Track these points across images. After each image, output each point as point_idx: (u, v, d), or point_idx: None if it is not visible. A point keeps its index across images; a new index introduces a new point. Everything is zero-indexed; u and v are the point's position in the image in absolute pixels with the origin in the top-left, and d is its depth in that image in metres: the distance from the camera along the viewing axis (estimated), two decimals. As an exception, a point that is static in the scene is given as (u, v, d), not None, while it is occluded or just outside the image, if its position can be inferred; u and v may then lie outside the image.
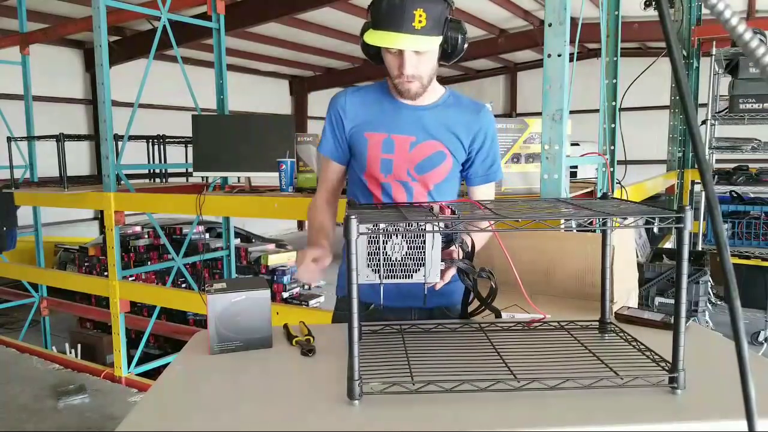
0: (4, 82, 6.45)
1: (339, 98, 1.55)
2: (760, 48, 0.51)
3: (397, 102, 1.50)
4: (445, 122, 1.50)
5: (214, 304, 1.16)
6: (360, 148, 1.52)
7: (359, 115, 1.52)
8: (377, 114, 1.51)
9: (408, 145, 1.49)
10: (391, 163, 1.50)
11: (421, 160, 1.50)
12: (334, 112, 1.55)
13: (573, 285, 1.87)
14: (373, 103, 1.52)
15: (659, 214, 0.94)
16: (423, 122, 1.49)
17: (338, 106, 1.54)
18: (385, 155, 1.50)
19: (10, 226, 4.50)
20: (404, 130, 1.49)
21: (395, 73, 1.42)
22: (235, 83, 4.65)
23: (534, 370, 0.98)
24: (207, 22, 4.05)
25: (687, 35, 4.39)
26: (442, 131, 1.50)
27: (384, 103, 1.52)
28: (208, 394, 1.00)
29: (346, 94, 1.55)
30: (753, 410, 0.51)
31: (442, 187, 1.54)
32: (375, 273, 1.06)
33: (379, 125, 1.51)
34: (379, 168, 1.51)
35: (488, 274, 1.25)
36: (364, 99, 1.54)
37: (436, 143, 1.50)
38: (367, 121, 1.51)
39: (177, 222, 5.35)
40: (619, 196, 2.54)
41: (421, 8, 1.31)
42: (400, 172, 1.50)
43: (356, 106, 1.53)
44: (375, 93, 1.54)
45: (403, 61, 1.38)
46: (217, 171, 3.36)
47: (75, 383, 3.58)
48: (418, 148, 1.49)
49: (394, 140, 1.49)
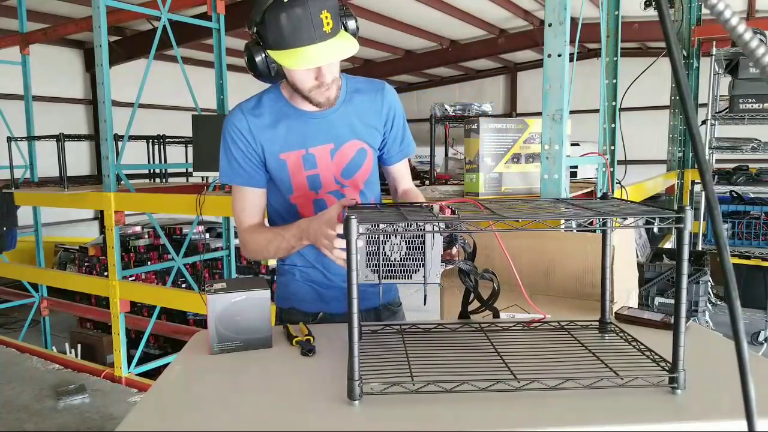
0: (4, 82, 6.45)
1: (239, 122, 1.38)
2: (760, 48, 0.51)
3: (301, 112, 1.38)
4: (356, 116, 1.42)
5: (214, 304, 1.16)
6: (279, 172, 1.39)
7: (268, 138, 1.38)
8: (286, 132, 1.38)
9: (328, 154, 1.40)
10: (318, 178, 1.41)
11: (345, 165, 1.42)
12: (239, 138, 1.37)
13: (573, 285, 1.87)
14: (277, 122, 1.38)
15: (659, 214, 0.94)
16: (335, 125, 1.40)
17: (242, 131, 1.37)
18: (309, 171, 1.40)
19: (10, 226, 4.50)
20: (319, 140, 1.39)
21: (310, 85, 1.29)
22: (235, 83, 4.64)
23: (534, 370, 0.98)
24: (207, 22, 4.05)
25: (687, 35, 4.39)
26: (357, 127, 1.42)
27: (288, 118, 1.38)
28: (208, 394, 1.00)
29: (245, 115, 1.38)
30: (753, 410, 0.51)
31: (370, 182, 1.49)
32: (374, 273, 1.06)
33: (293, 143, 1.38)
34: (308, 186, 1.41)
35: (491, 276, 1.25)
36: (265, 119, 1.38)
37: (356, 142, 1.43)
38: (279, 143, 1.38)
39: (177, 222, 5.35)
40: (619, 196, 2.55)
41: (324, 9, 1.19)
42: (328, 183, 1.42)
43: (262, 129, 1.37)
44: (272, 109, 1.39)
45: (321, 71, 1.27)
46: (217, 171, 3.35)
47: (75, 383, 3.58)
48: (339, 154, 1.41)
49: (313, 154, 1.39)
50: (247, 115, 1.38)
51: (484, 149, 2.23)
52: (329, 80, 1.30)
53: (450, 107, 2.93)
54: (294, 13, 1.17)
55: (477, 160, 2.24)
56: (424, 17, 8.41)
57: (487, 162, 2.24)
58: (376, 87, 1.46)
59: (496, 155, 2.25)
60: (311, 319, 1.49)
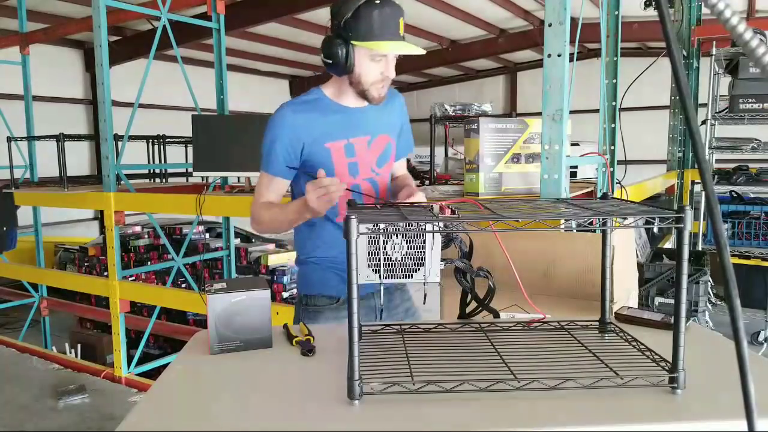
0: (4, 82, 6.45)
1: (286, 117, 1.57)
2: (760, 47, 0.51)
3: (343, 107, 1.60)
4: (385, 114, 1.66)
5: (214, 304, 1.16)
6: (323, 159, 1.57)
7: (314, 129, 1.56)
8: (331, 123, 1.58)
9: (365, 144, 1.62)
10: (356, 165, 1.61)
11: (379, 155, 1.65)
12: (285, 132, 1.56)
13: (573, 285, 1.88)
14: (322, 114, 1.58)
15: (659, 214, 0.94)
16: (370, 120, 1.62)
17: (288, 125, 1.56)
18: (350, 159, 1.60)
19: (10, 226, 4.50)
20: (359, 131, 1.61)
21: (375, 78, 1.53)
22: (235, 83, 4.64)
23: (534, 370, 0.98)
24: (207, 22, 4.05)
25: (687, 35, 4.39)
26: (385, 124, 1.67)
27: (332, 112, 1.59)
28: (208, 394, 1.00)
29: (292, 111, 1.57)
30: (753, 410, 0.51)
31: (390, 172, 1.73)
32: (375, 273, 1.06)
33: (337, 134, 1.58)
34: (348, 172, 1.60)
35: (486, 274, 1.25)
36: (310, 112, 1.58)
37: (385, 136, 1.67)
38: (324, 133, 1.57)
39: (177, 222, 5.35)
40: (619, 196, 2.54)
41: (402, 16, 1.48)
42: (365, 171, 1.63)
43: (307, 121, 1.56)
44: (318, 105, 1.60)
45: (388, 67, 1.53)
46: (217, 171, 3.36)
47: (75, 383, 3.58)
48: (374, 145, 1.64)
49: (353, 143, 1.60)
50: (294, 112, 1.57)
51: (484, 149, 2.23)
52: (392, 76, 1.55)
53: (450, 107, 2.93)
54: (385, 12, 1.45)
55: (477, 160, 2.24)
56: (424, 17, 8.41)
57: (487, 162, 2.24)
58: (391, 92, 1.68)
59: (496, 155, 2.25)
60: (334, 303, 1.65)
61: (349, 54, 1.48)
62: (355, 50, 1.48)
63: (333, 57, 1.49)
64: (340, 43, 1.48)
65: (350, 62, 1.50)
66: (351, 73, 1.52)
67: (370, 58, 1.50)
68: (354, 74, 1.53)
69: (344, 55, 1.48)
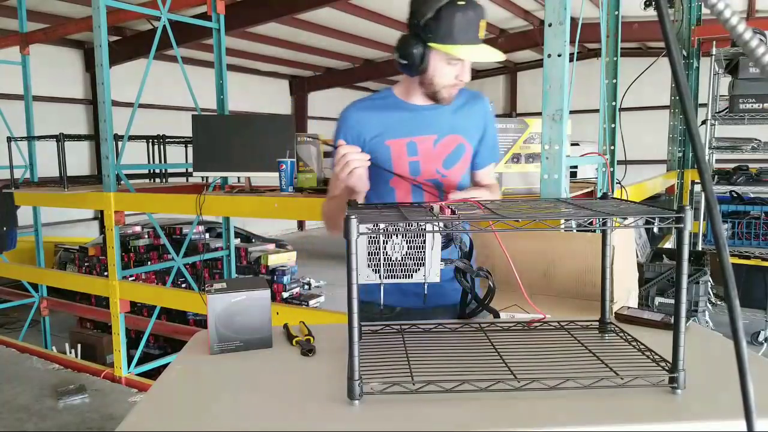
0: (4, 82, 6.45)
1: (350, 115, 1.56)
2: (759, 47, 0.51)
3: (411, 106, 1.55)
4: (459, 115, 1.57)
5: (214, 304, 1.16)
6: (383, 157, 1.53)
7: (375, 126, 1.53)
8: (395, 121, 1.54)
9: (431, 143, 1.55)
10: (418, 165, 1.54)
11: (446, 156, 1.56)
12: (347, 129, 1.54)
13: (573, 285, 1.88)
14: (386, 112, 1.55)
15: (659, 214, 0.94)
16: (439, 120, 1.55)
17: (351, 122, 1.54)
18: (412, 158, 1.54)
19: (10, 226, 4.50)
20: (424, 130, 1.54)
21: (449, 82, 1.47)
22: (235, 83, 4.64)
23: (534, 370, 0.98)
24: (207, 22, 4.05)
25: (687, 35, 4.39)
26: (459, 125, 1.57)
27: (399, 109, 1.55)
28: (208, 394, 1.00)
29: (356, 109, 1.56)
30: (752, 410, 0.51)
31: (465, 177, 1.62)
32: (375, 273, 1.06)
33: (399, 131, 1.53)
34: (408, 171, 1.54)
35: (486, 274, 1.25)
36: (374, 110, 1.55)
37: (456, 136, 1.57)
38: (386, 130, 1.53)
39: (177, 222, 5.35)
40: (619, 196, 2.54)
41: (484, 18, 1.41)
42: (428, 171, 1.55)
43: (370, 118, 1.54)
44: (383, 102, 1.57)
45: (464, 71, 1.47)
46: (217, 171, 3.36)
47: (75, 383, 3.58)
48: (441, 145, 1.55)
49: (416, 142, 1.54)
50: (357, 109, 1.56)
51: (484, 149, 2.23)
52: (467, 81, 1.49)
53: (450, 107, 2.92)
54: (467, 15, 1.37)
55: (477, 160, 2.23)
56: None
57: (487, 162, 2.24)
58: (476, 95, 1.63)
59: (496, 155, 2.25)
60: (387, 313, 1.57)
61: (425, 56, 1.43)
62: (431, 52, 1.42)
63: (408, 58, 1.44)
64: (416, 44, 1.42)
65: (425, 64, 1.44)
66: (424, 74, 1.47)
67: (446, 61, 1.44)
68: (427, 76, 1.48)
69: (420, 57, 1.43)
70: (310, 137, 3.03)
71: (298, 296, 4.88)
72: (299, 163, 2.97)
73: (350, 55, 10.63)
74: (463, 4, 1.37)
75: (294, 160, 2.91)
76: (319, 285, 6.22)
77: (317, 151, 3.00)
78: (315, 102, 12.85)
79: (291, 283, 4.85)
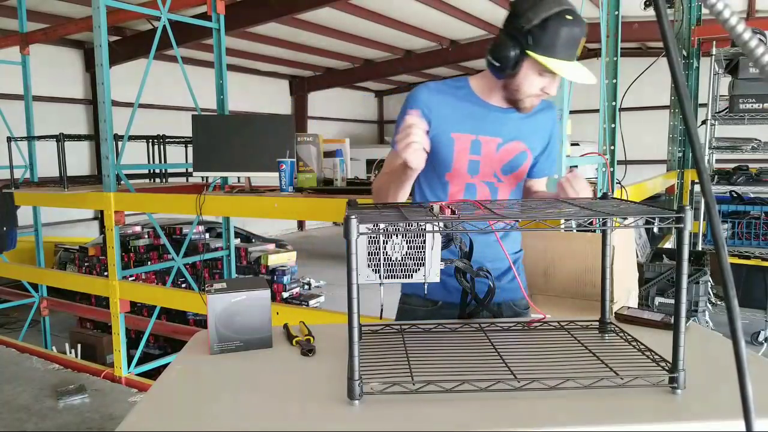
0: (4, 82, 6.45)
1: (422, 94, 1.50)
2: (759, 47, 0.51)
3: (484, 103, 1.51)
4: (528, 123, 1.54)
5: (214, 304, 1.16)
6: (445, 149, 1.49)
7: (445, 115, 1.49)
8: (464, 115, 1.49)
9: (494, 146, 1.51)
10: (478, 165, 1.51)
11: (507, 161, 1.53)
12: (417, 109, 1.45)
13: (573, 285, 1.88)
14: (459, 103, 1.50)
15: (659, 214, 0.94)
16: (508, 124, 1.51)
17: (422, 103, 1.48)
18: (473, 156, 1.50)
19: (10, 226, 4.50)
20: (491, 131, 1.50)
21: (535, 92, 1.44)
22: (235, 83, 4.64)
23: (534, 370, 0.98)
24: (207, 22, 4.05)
25: (687, 35, 4.39)
26: (525, 132, 1.54)
27: (471, 104, 1.51)
28: (208, 394, 1.00)
29: (429, 90, 1.50)
30: (750, 410, 0.51)
31: (519, 186, 1.60)
32: (375, 273, 1.06)
33: (466, 126, 1.49)
34: (466, 169, 1.51)
35: (486, 273, 1.25)
36: (448, 98, 1.50)
37: (518, 143, 1.53)
38: (454, 122, 1.49)
39: (177, 222, 5.35)
40: (619, 196, 2.54)
41: (584, 36, 1.37)
42: (487, 172, 1.52)
43: (442, 105, 1.49)
44: (458, 92, 1.52)
45: (552, 86, 1.44)
46: (217, 171, 3.36)
47: (75, 383, 3.58)
48: (505, 150, 1.52)
49: (481, 141, 1.50)
50: (432, 91, 1.50)
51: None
52: (553, 95, 1.47)
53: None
54: (572, 31, 1.33)
55: (477, 160, 2.23)
56: (424, 17, 8.41)
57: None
58: (548, 104, 1.60)
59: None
60: (430, 306, 1.56)
61: (519, 62, 1.38)
62: (526, 59, 1.38)
63: (502, 61, 1.39)
64: (513, 48, 1.37)
65: (516, 70, 1.40)
66: (511, 79, 1.43)
67: (538, 72, 1.40)
68: (514, 81, 1.43)
69: (514, 61, 1.38)
70: (310, 137, 3.03)
71: (298, 296, 4.88)
72: (299, 163, 2.97)
73: (350, 55, 10.62)
74: (571, 19, 1.33)
75: (294, 160, 2.91)
76: (319, 285, 6.22)
77: (317, 151, 3.00)
78: (315, 102, 12.85)
79: (291, 283, 4.85)
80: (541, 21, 1.33)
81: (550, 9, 1.32)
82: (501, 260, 1.53)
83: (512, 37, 1.38)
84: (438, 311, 1.54)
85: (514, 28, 1.37)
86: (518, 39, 1.36)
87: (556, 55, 1.34)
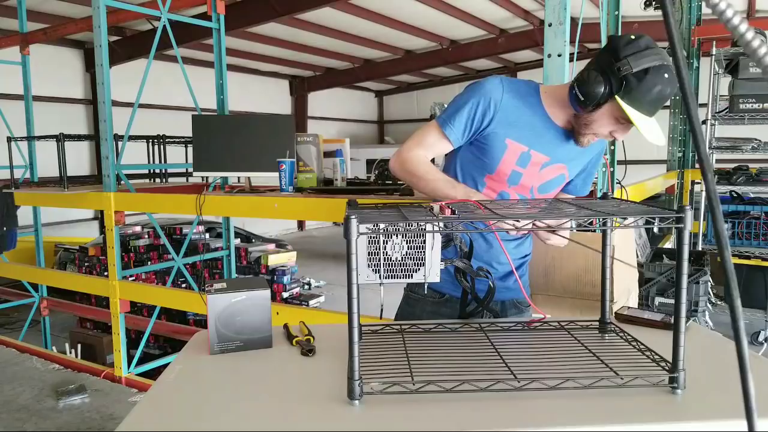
0: (4, 82, 6.45)
1: (496, 89, 1.44)
2: (762, 48, 0.51)
3: (548, 120, 1.48)
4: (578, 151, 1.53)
5: (214, 304, 1.16)
6: (495, 151, 1.46)
7: (509, 119, 1.45)
8: (526, 125, 1.46)
9: (540, 164, 1.50)
10: (520, 177, 1.50)
11: (546, 181, 1.54)
12: (486, 103, 1.43)
13: (573, 285, 1.88)
14: (525, 112, 1.46)
15: (659, 214, 0.94)
16: (561, 146, 1.49)
17: (493, 99, 1.43)
18: (518, 167, 1.48)
19: (10, 226, 4.50)
20: (544, 149, 1.48)
21: (604, 134, 1.42)
22: (235, 83, 4.64)
23: (534, 370, 0.98)
24: (207, 22, 4.04)
25: (687, 35, 4.39)
26: (572, 157, 1.53)
27: (535, 116, 1.47)
28: (208, 394, 1.00)
29: (504, 88, 1.45)
30: (753, 410, 0.51)
31: None
32: (375, 273, 1.06)
33: (523, 136, 1.46)
34: (508, 177, 1.49)
35: (486, 273, 1.25)
36: (518, 102, 1.46)
37: (562, 166, 1.53)
38: (514, 128, 1.45)
39: (177, 222, 5.35)
40: (619, 196, 2.54)
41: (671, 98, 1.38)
42: (525, 185, 1.52)
43: (510, 109, 1.44)
44: (528, 99, 1.47)
45: (623, 132, 1.41)
46: (217, 171, 3.36)
47: (75, 383, 3.58)
48: (548, 170, 1.52)
49: (531, 155, 1.48)
50: (506, 89, 1.45)
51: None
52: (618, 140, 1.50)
53: (450, 107, 2.92)
54: (665, 91, 1.30)
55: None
56: (424, 17, 8.41)
57: (487, 162, 2.24)
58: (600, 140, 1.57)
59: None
60: (438, 297, 1.57)
61: (603, 103, 1.35)
62: (611, 102, 1.34)
63: (588, 97, 1.34)
64: (603, 87, 1.32)
65: (597, 109, 1.37)
66: (587, 114, 1.39)
67: (616, 118, 1.36)
68: (589, 117, 1.40)
69: (599, 101, 1.34)
70: (310, 137, 3.03)
71: (298, 296, 4.88)
72: (299, 163, 2.97)
73: (350, 55, 10.63)
74: (668, 78, 1.29)
75: (294, 160, 2.91)
76: (319, 285, 6.22)
77: (317, 151, 2.99)
78: (315, 102, 12.85)
79: (291, 283, 4.85)
80: (641, 71, 1.29)
81: (652, 61, 1.28)
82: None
83: (605, 75, 1.33)
84: (444, 303, 1.55)
85: (608, 67, 1.32)
86: (611, 80, 1.32)
87: (642, 108, 1.32)
